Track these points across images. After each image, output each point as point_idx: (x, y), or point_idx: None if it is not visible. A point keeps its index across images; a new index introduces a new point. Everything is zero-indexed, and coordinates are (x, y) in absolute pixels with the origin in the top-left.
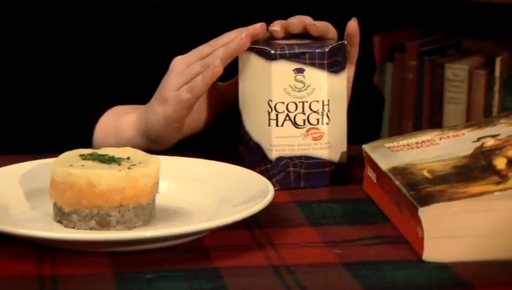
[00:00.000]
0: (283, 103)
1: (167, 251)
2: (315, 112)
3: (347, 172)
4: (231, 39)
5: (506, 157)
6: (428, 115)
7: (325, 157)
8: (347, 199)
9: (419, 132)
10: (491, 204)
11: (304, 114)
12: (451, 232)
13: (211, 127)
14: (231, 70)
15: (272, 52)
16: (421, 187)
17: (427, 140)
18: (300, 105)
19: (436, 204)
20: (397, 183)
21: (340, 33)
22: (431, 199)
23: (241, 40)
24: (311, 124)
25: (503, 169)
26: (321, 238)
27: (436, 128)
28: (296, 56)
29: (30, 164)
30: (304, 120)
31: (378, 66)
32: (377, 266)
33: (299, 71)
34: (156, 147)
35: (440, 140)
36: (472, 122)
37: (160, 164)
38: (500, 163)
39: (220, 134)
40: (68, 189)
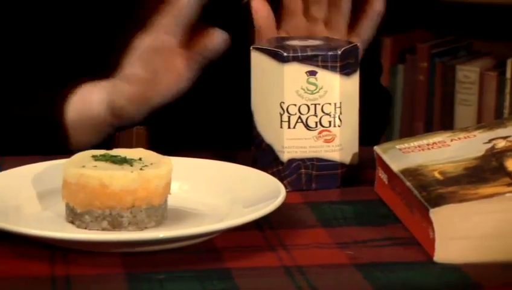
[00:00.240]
0: (295, 105)
1: (179, 252)
2: (327, 115)
3: (358, 173)
4: None
5: None
6: (439, 117)
7: (337, 159)
8: (358, 200)
9: (430, 134)
10: (502, 205)
11: (316, 116)
12: (462, 233)
13: (223, 128)
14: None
15: (285, 54)
16: (432, 188)
17: (438, 141)
18: (312, 107)
19: (447, 205)
20: (408, 184)
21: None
22: (442, 201)
23: None
24: (323, 127)
25: None
26: (332, 239)
27: (447, 129)
28: (309, 58)
29: (42, 165)
30: (316, 122)
31: (389, 68)
32: (389, 267)
33: (312, 73)
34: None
35: (451, 141)
36: (483, 123)
37: (172, 165)
38: (511, 164)
39: (232, 135)
40: (80, 190)
